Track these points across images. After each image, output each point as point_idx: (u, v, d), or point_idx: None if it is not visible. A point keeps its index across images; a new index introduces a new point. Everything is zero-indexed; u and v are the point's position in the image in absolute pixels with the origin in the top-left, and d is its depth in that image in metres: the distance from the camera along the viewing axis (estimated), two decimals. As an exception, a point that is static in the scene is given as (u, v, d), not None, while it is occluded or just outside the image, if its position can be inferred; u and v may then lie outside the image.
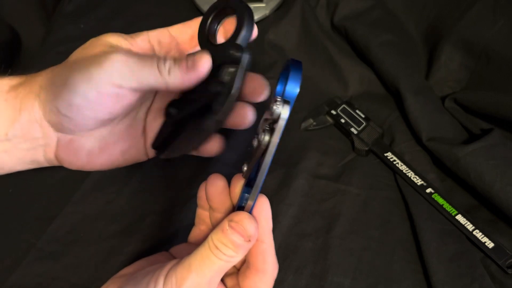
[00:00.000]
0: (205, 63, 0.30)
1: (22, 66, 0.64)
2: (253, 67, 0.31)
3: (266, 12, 0.59)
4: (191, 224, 0.41)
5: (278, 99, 0.27)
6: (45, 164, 0.33)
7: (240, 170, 0.31)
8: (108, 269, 0.39)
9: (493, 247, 0.40)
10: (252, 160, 0.30)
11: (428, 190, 0.44)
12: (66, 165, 0.33)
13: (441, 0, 0.55)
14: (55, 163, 0.33)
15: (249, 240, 0.29)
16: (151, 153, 0.36)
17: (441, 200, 0.43)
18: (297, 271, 0.40)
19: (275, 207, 0.44)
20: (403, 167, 0.46)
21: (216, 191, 0.32)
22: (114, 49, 0.29)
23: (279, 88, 0.32)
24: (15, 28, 0.64)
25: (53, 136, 0.31)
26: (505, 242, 0.41)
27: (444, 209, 0.43)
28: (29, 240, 0.41)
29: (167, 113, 0.32)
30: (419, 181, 0.45)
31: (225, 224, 0.29)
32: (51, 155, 0.33)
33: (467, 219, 0.42)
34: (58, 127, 0.31)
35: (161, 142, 0.33)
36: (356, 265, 0.40)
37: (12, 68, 0.34)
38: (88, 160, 0.34)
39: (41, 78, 0.31)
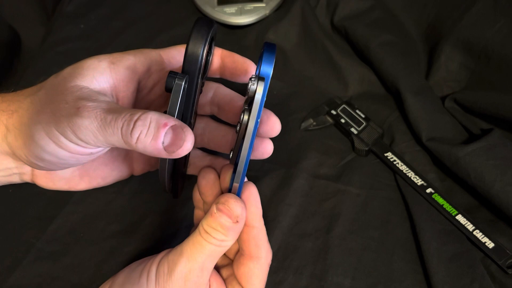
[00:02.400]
0: (185, 149, 0.27)
1: (22, 66, 0.64)
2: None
3: (266, 12, 0.59)
4: (191, 224, 0.41)
5: (253, 77, 0.27)
6: (22, 182, 0.33)
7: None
8: (108, 269, 0.39)
9: (493, 247, 0.40)
10: (236, 144, 0.30)
11: (428, 190, 0.44)
12: (44, 187, 0.33)
13: (441, 0, 0.55)
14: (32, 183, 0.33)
15: (237, 222, 0.28)
16: (137, 171, 0.36)
17: (441, 200, 0.43)
18: (297, 271, 0.40)
19: (275, 207, 0.44)
20: (403, 167, 0.46)
21: (207, 184, 0.32)
22: (81, 107, 0.26)
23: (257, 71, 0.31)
24: (15, 28, 0.64)
25: (26, 166, 0.31)
26: (505, 242, 0.41)
27: (444, 209, 0.43)
28: (29, 240, 0.41)
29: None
30: (419, 181, 0.45)
31: (213, 208, 0.29)
32: (27, 179, 0.33)
33: (467, 219, 0.42)
34: (31, 166, 0.30)
35: (172, 186, 0.33)
36: (356, 265, 0.40)
37: (12, 68, 0.33)
38: (68, 186, 0.33)
39: (6, 117, 0.29)
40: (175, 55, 0.32)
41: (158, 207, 0.43)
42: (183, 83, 0.27)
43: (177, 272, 0.29)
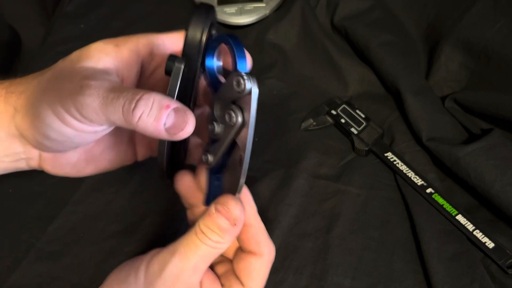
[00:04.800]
0: (186, 132, 0.27)
1: (22, 66, 0.64)
2: (253, 67, 0.31)
3: (266, 12, 0.59)
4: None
5: (243, 74, 0.26)
6: (30, 169, 0.33)
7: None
8: (108, 269, 0.39)
9: (493, 247, 0.40)
10: (220, 145, 0.29)
11: (428, 190, 0.44)
12: (52, 173, 0.33)
13: (441, 0, 0.55)
14: (39, 169, 0.33)
15: (235, 224, 0.28)
16: (141, 155, 0.36)
17: (441, 200, 0.43)
18: (297, 271, 0.40)
19: (275, 207, 0.44)
20: (403, 167, 0.46)
21: (185, 188, 0.32)
22: (84, 86, 0.26)
23: (209, 63, 0.30)
24: (15, 28, 0.64)
25: (33, 150, 0.31)
26: (505, 242, 0.41)
27: (444, 209, 0.43)
28: (29, 240, 0.41)
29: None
30: (419, 181, 0.45)
31: (212, 208, 0.28)
32: (34, 165, 0.33)
33: (467, 219, 0.42)
34: (38, 148, 0.30)
35: (170, 172, 0.33)
36: (356, 265, 0.40)
37: (12, 68, 0.33)
38: (75, 171, 0.33)
39: (14, 99, 0.29)
40: (176, 40, 0.32)
41: (158, 207, 0.43)
42: (183, 66, 0.27)
43: (168, 271, 0.28)
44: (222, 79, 0.31)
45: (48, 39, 0.58)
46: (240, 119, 0.28)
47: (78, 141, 0.29)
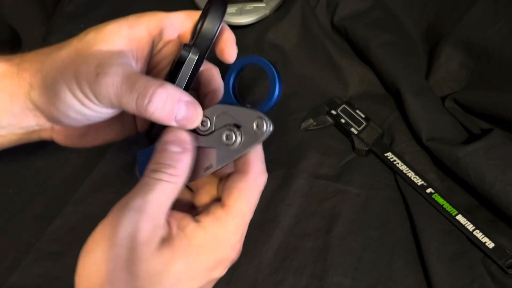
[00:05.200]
0: (195, 124, 0.29)
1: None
2: (253, 67, 0.31)
3: (266, 12, 0.59)
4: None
5: (270, 123, 0.27)
6: (41, 140, 0.34)
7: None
8: (108, 269, 0.39)
9: (493, 247, 0.40)
10: (201, 140, 0.30)
11: (428, 190, 0.44)
12: (63, 144, 0.35)
13: (441, 0, 0.55)
14: (50, 140, 0.35)
15: (186, 148, 0.29)
16: (140, 127, 0.37)
17: (441, 200, 0.43)
18: (297, 271, 0.40)
19: (275, 207, 0.44)
20: (403, 167, 0.46)
21: None
22: (100, 74, 0.28)
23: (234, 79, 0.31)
24: (15, 28, 0.64)
25: (47, 123, 0.32)
26: (505, 242, 0.41)
27: (444, 209, 0.43)
28: (29, 240, 0.41)
29: None
30: (419, 181, 0.45)
31: (160, 144, 0.29)
32: (47, 136, 0.34)
33: (467, 219, 0.42)
34: (54, 122, 0.31)
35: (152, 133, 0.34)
36: (356, 265, 0.40)
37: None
38: (85, 142, 0.35)
39: (29, 75, 0.30)
40: (184, 19, 0.33)
41: (158, 207, 0.43)
42: (196, 58, 0.29)
43: (125, 222, 0.28)
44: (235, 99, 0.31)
45: (48, 39, 0.58)
46: (237, 144, 0.28)
47: (94, 119, 0.30)
